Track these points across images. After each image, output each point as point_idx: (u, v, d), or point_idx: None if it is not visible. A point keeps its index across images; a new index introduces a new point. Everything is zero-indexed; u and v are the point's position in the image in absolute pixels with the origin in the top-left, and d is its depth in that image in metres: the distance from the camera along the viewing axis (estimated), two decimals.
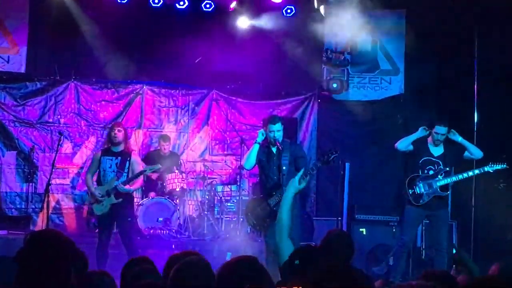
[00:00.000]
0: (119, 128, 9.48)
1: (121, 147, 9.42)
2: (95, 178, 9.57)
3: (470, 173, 9.32)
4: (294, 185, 5.67)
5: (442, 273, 4.66)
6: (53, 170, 10.63)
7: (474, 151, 9.26)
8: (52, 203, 12.08)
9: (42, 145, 13.08)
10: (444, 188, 9.22)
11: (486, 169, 9.23)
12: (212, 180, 12.95)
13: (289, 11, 12.92)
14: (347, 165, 11.61)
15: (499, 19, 11.26)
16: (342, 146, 10.66)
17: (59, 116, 13.23)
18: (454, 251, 8.97)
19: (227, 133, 13.77)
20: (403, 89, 13.42)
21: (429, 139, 9.27)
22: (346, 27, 13.02)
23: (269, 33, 13.17)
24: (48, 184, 10.09)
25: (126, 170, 9.37)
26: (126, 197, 9.39)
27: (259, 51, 13.03)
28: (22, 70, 13.15)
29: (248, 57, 13.21)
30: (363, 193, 12.08)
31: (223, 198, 12.93)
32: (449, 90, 12.81)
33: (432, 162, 9.23)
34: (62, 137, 11.08)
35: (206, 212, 12.47)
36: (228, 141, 13.74)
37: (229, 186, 13.22)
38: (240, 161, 12.69)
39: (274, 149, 8.88)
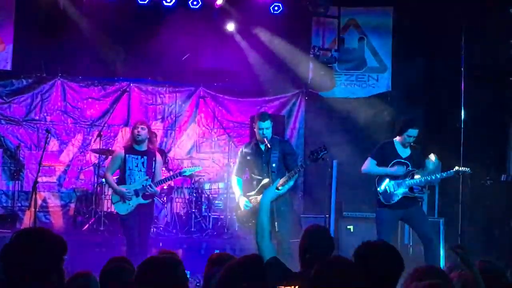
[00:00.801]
0: (143, 126, 9.17)
1: (144, 146, 9.16)
2: (114, 176, 9.43)
3: (438, 176, 9.40)
4: (271, 191, 5.80)
5: (431, 268, 4.66)
6: (40, 168, 10.58)
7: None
8: (39, 201, 12.01)
9: (28, 143, 13.02)
10: (412, 188, 9.26)
11: (452, 173, 9.26)
12: (199, 177, 12.92)
13: (276, 8, 12.91)
14: (334, 162, 11.61)
15: (486, 16, 11.29)
16: (329, 144, 10.63)
17: (45, 114, 13.18)
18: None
19: (215, 130, 13.75)
20: (390, 86, 13.43)
21: (398, 139, 9.32)
22: (333, 24, 13.09)
23: (256, 30, 13.15)
24: (35, 182, 10.02)
25: (153, 170, 9.20)
26: (153, 198, 9.37)
27: (247, 48, 13.02)
28: (8, 67, 13.05)
29: (235, 55, 13.20)
30: (350, 191, 12.07)
31: (210, 195, 12.91)
32: (436, 87, 12.84)
33: (401, 163, 9.24)
34: (49, 135, 11.03)
35: (193, 210, 12.45)
36: (216, 139, 13.72)
37: (217, 184, 13.19)
38: (228, 159, 12.72)
39: (262, 147, 8.88)
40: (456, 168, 9.18)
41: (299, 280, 3.89)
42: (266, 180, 8.71)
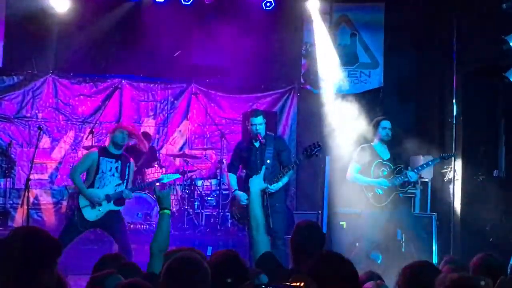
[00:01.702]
0: (125, 131, 8.82)
1: (121, 151, 8.84)
2: (82, 178, 8.85)
3: (425, 166, 9.54)
4: (258, 182, 5.81)
5: (422, 263, 4.65)
6: (32, 165, 10.54)
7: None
8: (31, 199, 11.94)
9: (20, 140, 12.98)
10: (403, 185, 9.36)
11: (437, 159, 9.68)
12: (192, 174, 12.91)
13: (268, 4, 12.86)
14: (327, 158, 11.58)
15: (478, 11, 11.29)
16: (321, 140, 10.64)
17: (37, 111, 13.14)
18: None
19: (207, 127, 13.74)
20: (382, 82, 13.43)
21: (376, 140, 9.49)
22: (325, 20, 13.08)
23: (248, 26, 13.13)
24: (28, 179, 9.94)
25: (126, 177, 8.87)
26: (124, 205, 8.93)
27: (239, 45, 12.99)
28: None
29: (227, 51, 13.18)
30: (343, 187, 12.06)
31: (203, 192, 12.90)
32: (428, 83, 12.85)
33: (384, 164, 9.43)
34: (41, 132, 10.98)
35: (186, 207, 12.44)
36: (208, 135, 13.71)
37: (209, 180, 13.18)
38: (220, 155, 12.71)
39: (256, 144, 8.89)
40: (442, 154, 9.38)
41: (304, 279, 3.88)
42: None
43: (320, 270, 3.77)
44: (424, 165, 9.58)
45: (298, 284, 3.76)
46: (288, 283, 3.82)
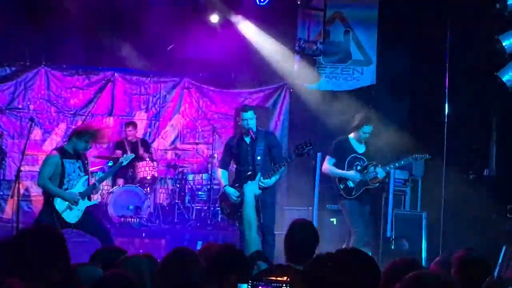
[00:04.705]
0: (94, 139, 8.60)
1: None
2: None
3: (397, 164, 9.68)
4: (253, 188, 5.88)
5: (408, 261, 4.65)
6: (23, 157, 10.50)
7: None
8: (21, 190, 11.95)
9: (11, 132, 12.95)
10: (374, 180, 9.52)
11: (409, 160, 9.78)
12: (183, 168, 12.91)
13: (262, 0, 12.87)
14: (318, 155, 11.60)
15: (472, 10, 11.31)
16: (313, 136, 10.64)
17: (28, 102, 13.12)
18: None
19: (199, 121, 13.73)
20: (375, 80, 13.44)
21: (353, 136, 9.66)
22: (319, 17, 13.08)
23: (242, 21, 13.12)
24: (19, 171, 9.88)
25: (88, 170, 8.79)
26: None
27: (232, 40, 12.98)
28: None
29: (220, 46, 13.16)
30: (333, 184, 12.09)
31: (194, 186, 12.91)
32: (420, 81, 12.86)
33: (358, 158, 9.62)
34: (32, 124, 10.93)
35: (177, 201, 12.46)
36: (200, 130, 13.70)
37: (200, 175, 13.18)
38: (212, 150, 12.71)
39: (247, 139, 8.90)
40: (414, 155, 9.50)
41: (288, 273, 3.89)
42: (250, 173, 8.73)
43: (318, 271, 3.75)
44: (396, 164, 9.69)
45: (283, 278, 3.77)
46: (274, 277, 3.83)
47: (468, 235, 10.94)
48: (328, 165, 9.67)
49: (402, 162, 9.77)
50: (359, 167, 9.53)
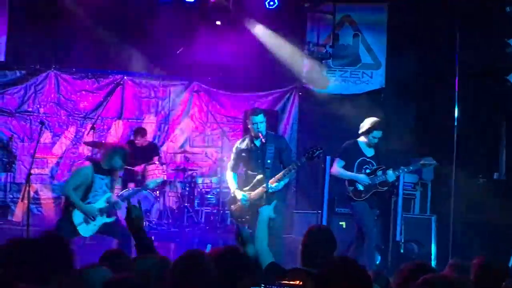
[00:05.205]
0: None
1: None
2: None
3: (405, 169, 9.64)
4: (269, 210, 5.90)
5: (421, 265, 4.65)
6: (33, 160, 10.54)
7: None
8: (31, 193, 11.96)
9: (21, 135, 13.00)
10: (383, 184, 9.48)
11: (419, 165, 9.68)
12: (192, 172, 12.92)
13: (271, 3, 12.85)
14: (327, 158, 11.59)
15: (481, 14, 11.30)
16: (322, 139, 10.64)
17: (38, 106, 13.16)
18: None
19: (208, 125, 13.73)
20: (384, 83, 13.42)
21: (362, 139, 9.62)
22: (328, 20, 13.08)
23: (251, 25, 13.12)
24: (29, 174, 9.91)
25: (113, 187, 8.85)
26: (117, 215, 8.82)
27: (241, 43, 12.98)
28: (2, 58, 13.01)
29: (230, 49, 13.15)
30: (343, 187, 12.08)
31: (203, 190, 12.92)
32: (430, 84, 12.84)
33: (367, 162, 9.59)
34: (43, 127, 10.97)
35: (186, 204, 12.46)
36: (209, 133, 13.70)
37: (209, 178, 13.19)
38: (221, 153, 12.72)
39: (257, 142, 8.89)
40: (422, 161, 9.46)
41: (300, 277, 3.89)
42: (260, 176, 8.72)
43: (333, 277, 3.75)
44: (405, 169, 9.66)
45: (296, 282, 3.76)
46: (286, 281, 3.83)
47: (478, 238, 10.91)
48: (337, 167, 9.65)
49: (411, 167, 9.75)
50: (368, 171, 9.51)
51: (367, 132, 9.52)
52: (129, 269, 4.37)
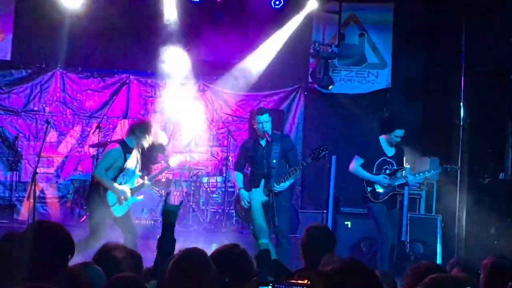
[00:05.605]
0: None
1: None
2: None
3: (427, 173, 9.62)
4: (259, 195, 5.88)
5: (431, 265, 4.65)
6: (39, 159, 10.55)
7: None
8: (37, 192, 11.98)
9: (26, 134, 13.02)
10: (401, 186, 9.46)
11: (439, 169, 9.81)
12: (197, 171, 12.91)
13: (277, 2, 12.85)
14: (333, 158, 11.61)
15: (487, 13, 11.28)
16: (328, 139, 10.65)
17: (44, 105, 13.17)
18: None
19: (214, 124, 13.72)
20: (390, 83, 13.41)
21: (384, 137, 9.48)
22: (334, 20, 13.08)
23: (257, 24, 13.11)
24: (35, 173, 9.93)
25: (140, 166, 8.90)
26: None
27: (247, 42, 12.99)
28: (8, 57, 13.03)
29: (235, 48, 13.16)
30: (348, 186, 12.08)
31: (208, 189, 12.90)
32: (435, 84, 12.83)
33: (387, 162, 9.48)
34: (49, 126, 10.98)
35: (191, 203, 12.44)
36: (214, 132, 13.68)
37: (215, 178, 13.18)
38: (227, 153, 12.72)
39: (262, 142, 8.90)
40: (445, 165, 9.42)
41: (309, 277, 3.87)
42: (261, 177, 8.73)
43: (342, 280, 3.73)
44: (426, 172, 9.63)
45: (304, 281, 3.75)
46: (294, 281, 3.81)
47: (483, 238, 10.90)
48: (356, 166, 9.50)
49: (432, 171, 9.69)
50: (388, 171, 9.41)
51: (388, 130, 9.38)
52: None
